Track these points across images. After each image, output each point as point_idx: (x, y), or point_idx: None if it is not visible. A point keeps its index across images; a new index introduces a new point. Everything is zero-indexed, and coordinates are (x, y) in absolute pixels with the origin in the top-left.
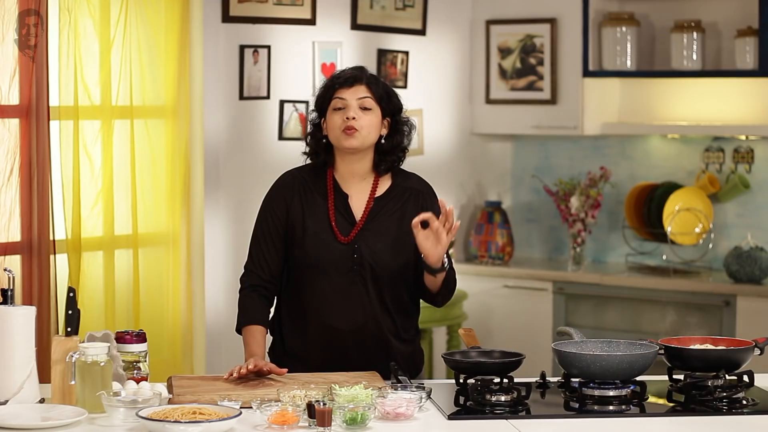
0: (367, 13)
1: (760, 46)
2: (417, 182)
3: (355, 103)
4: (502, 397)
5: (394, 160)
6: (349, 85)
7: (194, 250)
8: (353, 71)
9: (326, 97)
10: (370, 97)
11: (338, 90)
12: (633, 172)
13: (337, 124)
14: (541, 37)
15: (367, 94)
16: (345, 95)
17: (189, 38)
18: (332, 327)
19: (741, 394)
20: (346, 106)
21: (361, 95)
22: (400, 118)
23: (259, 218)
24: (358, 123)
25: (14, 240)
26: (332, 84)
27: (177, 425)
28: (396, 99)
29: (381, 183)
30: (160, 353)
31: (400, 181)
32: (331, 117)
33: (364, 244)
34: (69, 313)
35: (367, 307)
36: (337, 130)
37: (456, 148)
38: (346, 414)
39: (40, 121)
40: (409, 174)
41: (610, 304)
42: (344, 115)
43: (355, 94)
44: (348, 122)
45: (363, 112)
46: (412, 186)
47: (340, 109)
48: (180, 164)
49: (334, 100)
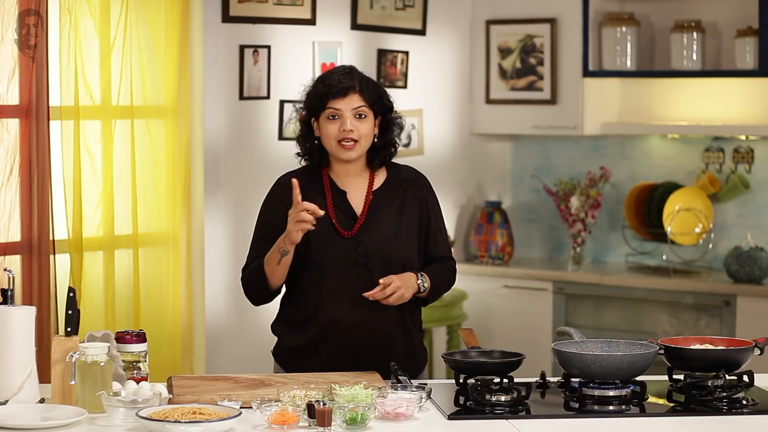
0: (367, 13)
1: (760, 46)
2: (411, 172)
3: (350, 113)
4: (502, 397)
5: (386, 155)
6: (342, 95)
7: (194, 250)
8: (345, 79)
9: (318, 105)
10: (364, 105)
11: (332, 100)
12: (633, 172)
13: (332, 134)
14: (541, 37)
15: (361, 102)
16: (339, 105)
17: (189, 38)
18: (340, 321)
19: (741, 394)
20: (341, 116)
21: (355, 105)
22: (392, 115)
23: (259, 220)
24: (355, 133)
25: (14, 240)
26: (325, 93)
27: (177, 425)
28: (387, 98)
29: (377, 176)
30: (160, 353)
31: (394, 172)
32: (326, 126)
33: (367, 236)
34: (69, 313)
35: (374, 301)
36: (333, 140)
37: (456, 148)
38: (346, 414)
39: (40, 121)
40: (400, 165)
41: (610, 304)
42: (340, 126)
43: (350, 104)
44: (345, 134)
45: (358, 120)
46: (408, 177)
47: (335, 118)
48: (180, 164)
49: (327, 110)
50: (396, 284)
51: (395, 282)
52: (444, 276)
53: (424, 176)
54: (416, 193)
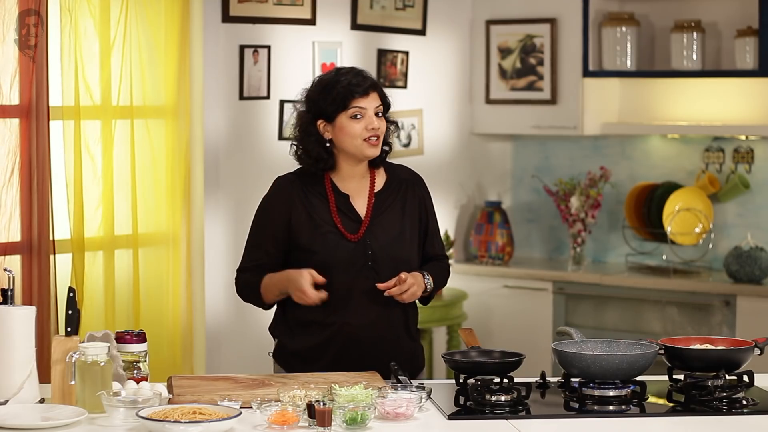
0: (367, 13)
1: (760, 46)
2: (408, 173)
3: (373, 111)
4: (502, 397)
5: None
6: (366, 94)
7: (194, 250)
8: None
9: (340, 105)
10: (381, 104)
11: (356, 99)
12: (633, 172)
13: (357, 132)
14: (541, 37)
15: (379, 101)
16: (364, 104)
17: (189, 38)
18: (348, 324)
19: (741, 394)
20: (365, 115)
21: (377, 103)
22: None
23: (254, 223)
24: (380, 130)
25: (14, 240)
26: (349, 92)
27: (177, 425)
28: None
29: (377, 178)
30: (160, 353)
31: (393, 173)
32: (350, 125)
33: (374, 239)
34: (69, 313)
35: (380, 303)
36: (359, 138)
37: (456, 148)
38: (346, 414)
39: (40, 121)
40: (396, 165)
41: (610, 304)
42: (366, 125)
43: (373, 102)
44: (372, 132)
45: (378, 118)
46: (406, 177)
47: (359, 117)
48: (180, 164)
49: (351, 109)
50: (410, 281)
51: (409, 279)
52: (443, 275)
53: (420, 176)
54: (416, 193)
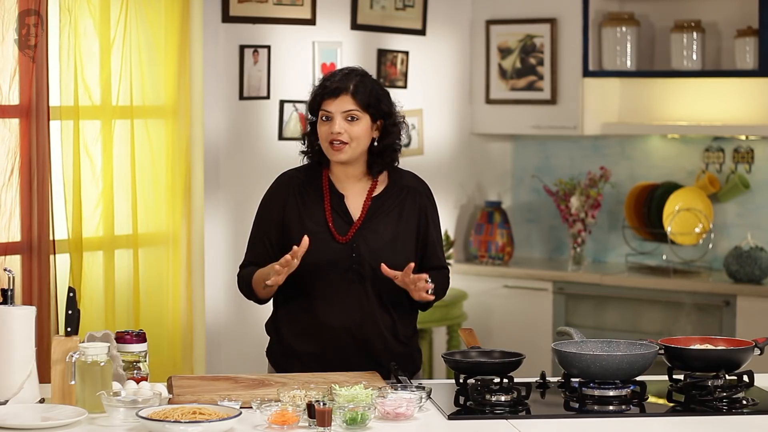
0: (367, 13)
1: (760, 46)
2: (413, 180)
3: (341, 115)
4: (502, 397)
5: (387, 162)
6: (334, 96)
7: (194, 250)
8: (340, 80)
9: (314, 105)
10: (356, 108)
11: (324, 101)
12: (633, 172)
13: (324, 135)
14: (541, 37)
15: (352, 105)
16: (330, 108)
17: (189, 38)
18: (331, 326)
19: (741, 394)
20: (332, 118)
21: (346, 108)
22: (392, 120)
23: (256, 217)
24: (345, 136)
25: (14, 240)
26: (321, 92)
27: (177, 425)
28: (386, 102)
29: (379, 182)
30: (160, 353)
31: (396, 179)
32: (320, 127)
33: (362, 243)
34: (69, 313)
35: (365, 306)
36: (325, 142)
37: (456, 148)
38: (346, 414)
39: (40, 121)
40: (403, 172)
41: (610, 304)
42: (330, 129)
43: (341, 107)
44: (333, 136)
45: (350, 123)
46: (409, 184)
47: (327, 120)
48: (180, 164)
49: (321, 111)
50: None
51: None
52: (443, 284)
53: (426, 184)
54: (416, 201)
